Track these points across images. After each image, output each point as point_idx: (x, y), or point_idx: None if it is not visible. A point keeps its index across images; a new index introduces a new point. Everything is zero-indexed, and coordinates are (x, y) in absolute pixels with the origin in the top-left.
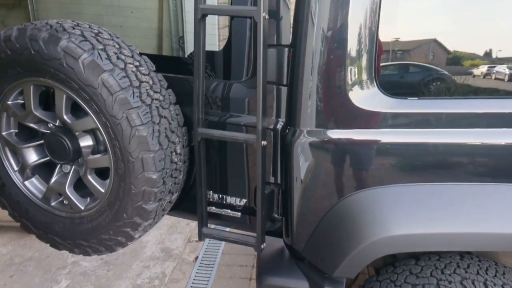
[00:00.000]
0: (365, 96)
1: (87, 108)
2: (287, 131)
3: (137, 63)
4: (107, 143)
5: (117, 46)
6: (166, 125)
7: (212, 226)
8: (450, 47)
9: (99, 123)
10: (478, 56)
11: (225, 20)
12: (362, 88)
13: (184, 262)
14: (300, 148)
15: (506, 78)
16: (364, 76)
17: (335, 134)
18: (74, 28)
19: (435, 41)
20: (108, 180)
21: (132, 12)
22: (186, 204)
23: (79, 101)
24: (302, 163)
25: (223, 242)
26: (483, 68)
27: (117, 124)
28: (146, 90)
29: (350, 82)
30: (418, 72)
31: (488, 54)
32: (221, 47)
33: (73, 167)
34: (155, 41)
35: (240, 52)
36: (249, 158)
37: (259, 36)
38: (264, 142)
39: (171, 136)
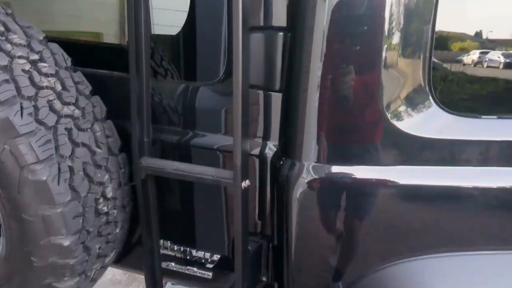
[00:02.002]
0: (415, 116)
1: None
2: (281, 162)
3: (36, 56)
4: None
5: (0, 28)
6: (86, 158)
7: None
8: None
9: None
10: None
11: None
12: (409, 103)
13: None
14: (303, 192)
15: None
16: (413, 84)
17: (362, 173)
18: None
19: None
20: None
21: None
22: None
23: None
24: (306, 213)
25: None
26: None
27: None
28: (49, 102)
29: (389, 93)
30: (496, 80)
31: None
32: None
33: None
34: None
35: (209, 37)
36: (225, 196)
37: (236, 12)
38: (245, 183)
39: (95, 175)
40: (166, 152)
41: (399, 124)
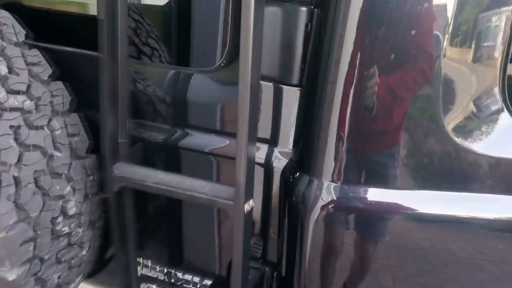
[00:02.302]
0: (484, 130)
1: None
2: (295, 177)
3: None
4: None
5: None
6: (40, 164)
7: None
8: None
9: None
10: None
11: None
12: (479, 113)
13: None
14: (322, 215)
15: None
16: (484, 90)
17: (399, 198)
18: None
19: None
20: None
21: None
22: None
23: None
24: (325, 240)
25: None
26: None
27: None
28: None
29: (449, 102)
30: None
31: None
32: None
33: None
34: None
35: (208, 10)
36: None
37: None
38: (249, 205)
39: (51, 187)
40: (148, 156)
41: (460, 138)
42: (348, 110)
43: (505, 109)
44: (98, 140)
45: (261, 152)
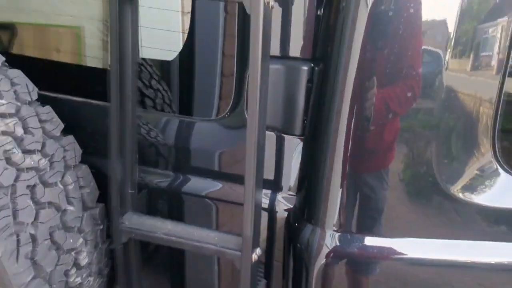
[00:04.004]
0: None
1: None
2: (299, 224)
3: None
4: None
5: None
6: (54, 220)
7: None
8: None
9: None
10: None
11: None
12: (463, 160)
13: None
14: (327, 264)
15: None
16: (473, 137)
17: (402, 247)
18: None
19: None
20: None
21: None
22: None
23: None
24: (330, 287)
25: None
26: None
27: None
28: (5, 152)
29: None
30: None
31: None
32: (175, 54)
33: None
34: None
35: (213, 65)
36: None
37: (255, 42)
38: (256, 254)
39: (65, 241)
40: (153, 202)
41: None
42: (348, 163)
43: (498, 167)
44: (105, 189)
45: (265, 198)
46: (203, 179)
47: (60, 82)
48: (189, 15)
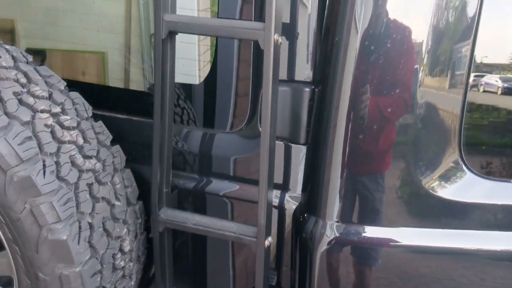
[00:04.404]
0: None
1: None
2: (304, 217)
3: (58, 109)
4: (5, 243)
5: (22, 79)
6: (106, 212)
7: None
8: None
9: None
10: None
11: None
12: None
13: None
14: (327, 250)
15: None
16: (444, 142)
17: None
18: None
19: None
20: None
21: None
22: None
23: None
24: (328, 271)
25: None
26: None
27: (15, 221)
28: (71, 157)
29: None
30: None
31: None
32: (201, 79)
33: None
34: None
35: (233, 88)
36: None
37: (267, 70)
38: (269, 240)
39: (114, 229)
40: (182, 199)
41: (432, 189)
42: (343, 165)
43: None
44: (142, 189)
45: (275, 197)
46: (222, 181)
47: (104, 102)
48: (213, 48)
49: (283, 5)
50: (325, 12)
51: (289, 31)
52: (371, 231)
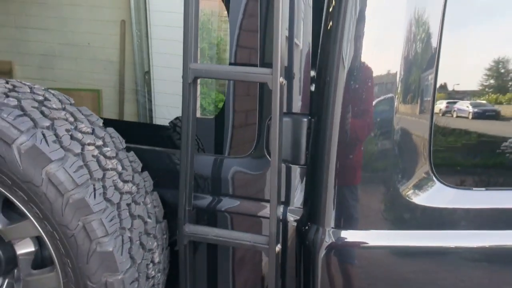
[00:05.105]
0: (418, 186)
1: (25, 211)
2: (306, 227)
3: (100, 142)
4: (55, 259)
5: (71, 118)
6: (141, 228)
7: None
8: None
9: (43, 231)
10: None
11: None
12: (411, 174)
13: None
14: (327, 254)
15: None
16: (416, 157)
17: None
18: (7, 96)
19: None
20: None
21: (89, 43)
22: None
23: (13, 199)
24: (329, 275)
25: None
26: None
27: (69, 237)
28: (113, 181)
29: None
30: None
31: None
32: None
33: (6, 281)
34: (115, 77)
35: (244, 120)
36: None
37: (275, 108)
38: (278, 247)
39: (147, 243)
40: (200, 217)
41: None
42: (337, 182)
43: (434, 177)
44: (165, 209)
45: (279, 210)
46: (231, 199)
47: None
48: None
49: (285, 53)
50: (318, 56)
51: (289, 73)
52: (359, 235)
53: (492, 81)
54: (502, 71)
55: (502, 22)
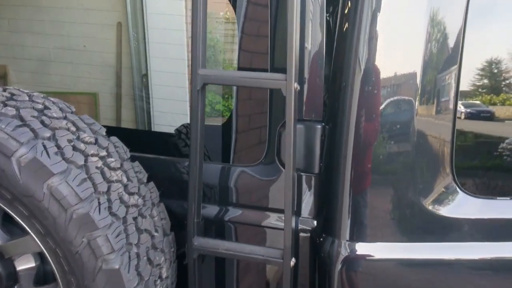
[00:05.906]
0: (440, 196)
1: (25, 226)
2: (321, 238)
3: (104, 152)
4: (57, 276)
5: (72, 128)
6: (148, 242)
7: None
8: None
9: (45, 248)
10: None
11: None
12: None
13: None
14: (343, 266)
15: None
16: (438, 165)
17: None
18: (5, 105)
19: None
20: None
21: (85, 46)
22: None
23: (13, 215)
24: (348, 283)
25: None
26: None
27: (74, 254)
28: (119, 194)
29: (419, 172)
30: None
31: None
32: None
33: None
34: (112, 81)
35: (254, 127)
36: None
37: (289, 115)
38: (293, 261)
39: (154, 258)
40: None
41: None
42: (352, 193)
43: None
44: (172, 221)
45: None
46: (242, 209)
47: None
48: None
49: (298, 58)
50: (332, 60)
51: (301, 78)
52: (376, 247)
53: None
54: None
55: None
